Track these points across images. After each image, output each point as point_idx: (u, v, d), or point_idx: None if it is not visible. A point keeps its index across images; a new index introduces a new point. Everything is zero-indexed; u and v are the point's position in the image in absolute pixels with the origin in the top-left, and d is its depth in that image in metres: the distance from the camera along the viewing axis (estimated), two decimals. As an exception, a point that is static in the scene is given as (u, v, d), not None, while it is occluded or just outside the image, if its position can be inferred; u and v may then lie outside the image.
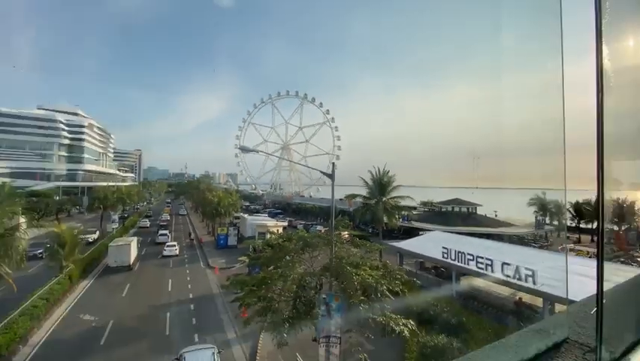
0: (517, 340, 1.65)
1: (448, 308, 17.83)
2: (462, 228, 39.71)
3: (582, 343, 1.57)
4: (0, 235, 13.28)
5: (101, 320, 19.17)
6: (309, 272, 12.64)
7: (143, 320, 19.51)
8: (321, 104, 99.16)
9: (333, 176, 13.02)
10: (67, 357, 15.06)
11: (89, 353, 15.47)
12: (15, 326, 15.86)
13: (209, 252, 38.24)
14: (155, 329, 18.16)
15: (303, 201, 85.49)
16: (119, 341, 16.73)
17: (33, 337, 16.81)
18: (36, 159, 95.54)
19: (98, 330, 17.91)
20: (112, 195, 54.16)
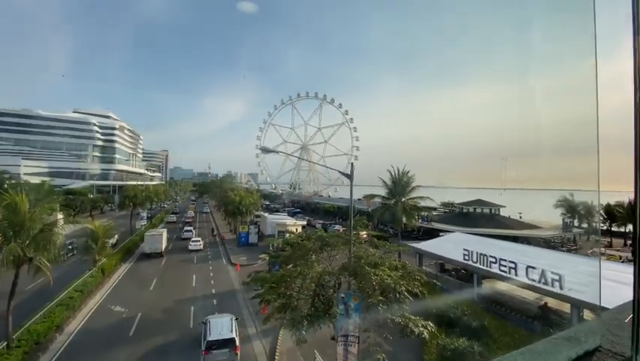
0: (546, 346, 1.61)
1: (469, 311, 17.41)
2: (484, 229, 38.52)
3: (616, 352, 1.50)
4: (40, 229, 14.20)
5: (131, 311, 20.15)
6: (328, 271, 12.71)
7: (169, 313, 20.31)
8: (341, 105, 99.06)
9: (352, 176, 13.00)
10: (99, 346, 15.92)
11: (119, 343, 16.29)
12: (52, 315, 16.97)
13: (231, 249, 39.15)
14: (180, 322, 18.86)
15: (321, 200, 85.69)
16: (146, 333, 17.53)
17: (69, 326, 17.89)
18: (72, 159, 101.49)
19: (128, 321, 18.84)
20: (141, 194, 56.64)
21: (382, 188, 33.19)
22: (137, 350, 15.76)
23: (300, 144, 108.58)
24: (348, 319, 11.27)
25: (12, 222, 13.73)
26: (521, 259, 19.37)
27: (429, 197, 33.24)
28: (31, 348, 14.27)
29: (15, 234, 13.74)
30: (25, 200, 14.05)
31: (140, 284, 25.78)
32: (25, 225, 13.68)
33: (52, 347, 15.70)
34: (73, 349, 15.73)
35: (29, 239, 13.81)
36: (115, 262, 29.20)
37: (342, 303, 11.33)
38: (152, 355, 15.32)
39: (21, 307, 17.75)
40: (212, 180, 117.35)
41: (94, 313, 19.94)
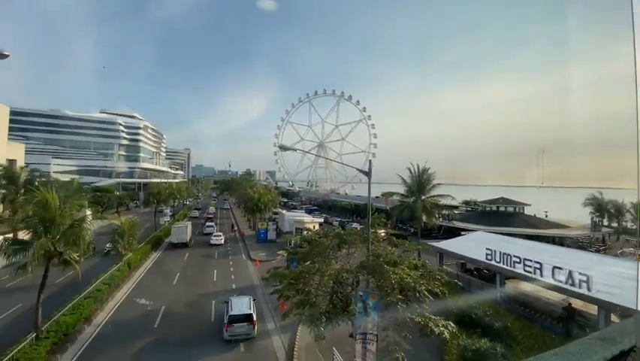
0: (580, 347, 1.58)
1: (492, 312, 16.92)
2: (508, 228, 37.28)
3: None
4: (70, 225, 14.90)
5: (155, 304, 20.89)
6: (346, 269, 12.68)
7: (191, 306, 20.92)
8: (358, 102, 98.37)
9: (370, 173, 12.88)
10: (125, 337, 16.60)
11: (144, 334, 16.94)
12: (81, 307, 17.76)
13: (251, 245, 39.84)
14: (201, 316, 19.39)
15: (338, 198, 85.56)
16: (170, 325, 18.14)
17: (96, 318, 18.76)
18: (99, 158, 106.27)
19: (152, 313, 19.55)
20: (164, 191, 58.56)
21: (401, 186, 32.71)
22: (162, 341, 16.36)
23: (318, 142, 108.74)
24: (366, 317, 11.22)
25: (43, 218, 14.43)
26: (547, 260, 18.63)
27: (450, 195, 32.48)
28: (59, 339, 14.90)
29: (45, 229, 14.42)
30: (55, 197, 14.75)
31: (164, 278, 26.68)
32: (56, 220, 14.38)
33: (80, 337, 16.45)
34: (101, 340, 16.47)
35: (59, 234, 14.51)
36: (140, 256, 30.36)
37: (360, 301, 11.28)
38: (175, 345, 15.85)
39: (51, 300, 18.80)
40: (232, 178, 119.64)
41: (120, 306, 20.83)
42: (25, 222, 15.12)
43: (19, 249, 14.06)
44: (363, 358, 11.32)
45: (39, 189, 15.35)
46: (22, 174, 36.90)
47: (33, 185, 31.44)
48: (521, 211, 44.83)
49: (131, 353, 15.16)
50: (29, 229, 14.78)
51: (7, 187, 34.04)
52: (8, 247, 14.14)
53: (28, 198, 15.25)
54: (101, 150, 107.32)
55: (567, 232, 40.68)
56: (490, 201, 47.78)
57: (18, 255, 14.00)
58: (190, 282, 25.87)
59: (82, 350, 15.43)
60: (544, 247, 23.03)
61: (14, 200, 32.33)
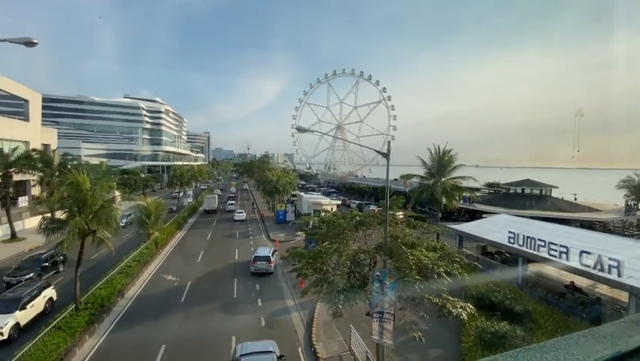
0: (613, 330, 1.49)
1: (512, 295, 16.68)
2: (533, 211, 36.05)
3: None
4: (101, 205, 15.76)
5: (181, 280, 22.05)
6: (363, 249, 12.78)
7: (215, 283, 21.94)
8: (378, 82, 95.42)
9: (389, 155, 12.68)
10: (155, 310, 17.72)
11: (172, 308, 18.02)
12: (114, 282, 19.05)
13: (270, 226, 40.79)
14: (225, 292, 20.33)
15: (356, 180, 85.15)
16: (195, 300, 19.17)
17: (128, 291, 20.05)
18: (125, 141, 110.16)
19: (179, 289, 20.68)
20: (187, 174, 60.42)
21: (420, 168, 32.03)
22: (189, 314, 17.39)
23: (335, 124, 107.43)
24: (383, 296, 11.37)
25: (76, 198, 15.32)
26: (574, 243, 17.95)
27: (472, 177, 31.55)
28: (96, 310, 16.13)
29: (79, 209, 15.37)
30: (86, 179, 15.56)
31: (189, 256, 27.97)
32: (88, 201, 15.24)
33: (114, 309, 17.73)
34: (133, 312, 17.69)
35: (92, 214, 15.41)
36: (166, 235, 31.82)
37: (377, 281, 11.41)
38: (201, 318, 16.79)
39: (87, 275, 20.19)
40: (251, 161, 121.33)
41: (149, 281, 22.11)
42: (61, 202, 16.09)
43: (57, 227, 15.06)
44: (380, 336, 11.57)
45: (71, 172, 16.18)
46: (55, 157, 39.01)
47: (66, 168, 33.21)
48: (548, 194, 43.06)
49: (160, 324, 16.20)
50: (65, 209, 15.77)
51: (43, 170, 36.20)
52: (47, 225, 15.18)
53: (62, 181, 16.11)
54: (126, 134, 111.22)
55: (598, 216, 38.86)
56: (515, 183, 46.09)
57: (56, 233, 15.02)
58: (213, 260, 26.98)
59: (116, 320, 16.65)
60: (572, 231, 22.14)
61: (50, 182, 34.40)
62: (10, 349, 12.73)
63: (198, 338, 15.03)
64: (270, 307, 18.15)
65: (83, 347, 14.11)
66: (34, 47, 9.36)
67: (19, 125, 45.98)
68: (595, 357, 1.28)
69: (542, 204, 40.30)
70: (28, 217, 36.96)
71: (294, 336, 15.48)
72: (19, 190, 44.64)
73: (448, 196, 29.44)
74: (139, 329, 15.76)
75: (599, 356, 1.28)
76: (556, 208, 39.35)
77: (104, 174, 37.41)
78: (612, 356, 1.30)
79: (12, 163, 32.19)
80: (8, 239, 31.35)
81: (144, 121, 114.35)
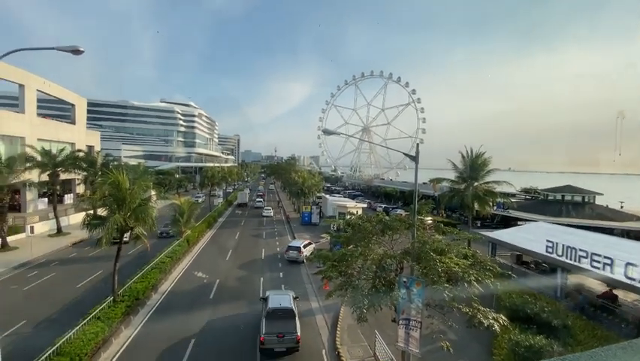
0: None
1: (549, 308, 15.64)
2: (573, 220, 33.68)
3: None
4: (139, 203, 16.71)
5: (210, 277, 22.80)
6: (390, 254, 12.55)
7: (242, 281, 22.51)
8: (407, 84, 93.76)
9: (417, 157, 12.39)
10: (186, 305, 18.45)
11: (202, 304, 18.67)
12: (149, 276, 20.02)
13: (295, 227, 41.20)
14: (251, 290, 20.79)
15: (382, 184, 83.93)
16: (223, 297, 19.74)
17: (162, 286, 21.02)
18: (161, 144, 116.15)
19: (208, 285, 21.40)
20: (217, 175, 62.68)
21: (451, 171, 30.99)
22: (217, 309, 17.94)
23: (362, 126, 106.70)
24: (410, 303, 11.09)
25: (116, 197, 16.35)
26: (620, 255, 16.58)
27: (507, 181, 30.05)
28: (132, 303, 17.03)
29: (118, 207, 16.39)
30: (125, 179, 16.56)
31: (218, 255, 28.90)
32: (126, 199, 16.20)
33: (148, 303, 18.64)
34: (166, 306, 18.52)
35: (130, 212, 16.36)
36: (197, 233, 33.08)
37: (404, 287, 11.16)
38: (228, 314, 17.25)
39: (124, 269, 21.36)
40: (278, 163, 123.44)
41: (181, 278, 23.06)
42: (103, 200, 17.23)
43: (99, 223, 16.12)
44: (406, 343, 11.29)
45: (112, 172, 17.27)
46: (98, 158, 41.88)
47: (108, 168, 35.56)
48: (591, 201, 40.07)
49: (190, 319, 16.82)
50: (106, 207, 16.87)
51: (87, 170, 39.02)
52: (90, 221, 16.30)
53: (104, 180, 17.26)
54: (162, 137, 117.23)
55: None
56: (555, 189, 43.31)
57: (98, 228, 16.09)
58: (241, 258, 27.68)
59: (150, 313, 17.50)
60: (617, 241, 20.44)
61: (93, 181, 36.97)
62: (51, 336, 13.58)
63: (225, 334, 15.43)
64: (295, 308, 18.28)
65: (119, 337, 14.95)
66: (80, 54, 9.88)
67: (66, 127, 49.90)
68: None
69: (584, 212, 37.56)
70: (72, 213, 39.93)
71: (318, 338, 15.48)
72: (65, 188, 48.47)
73: (481, 202, 28.24)
74: (170, 323, 16.45)
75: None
76: (599, 217, 36.51)
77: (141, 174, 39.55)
78: None
79: (59, 163, 34.94)
80: (54, 233, 34.00)
81: (179, 124, 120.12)
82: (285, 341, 13.76)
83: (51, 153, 34.94)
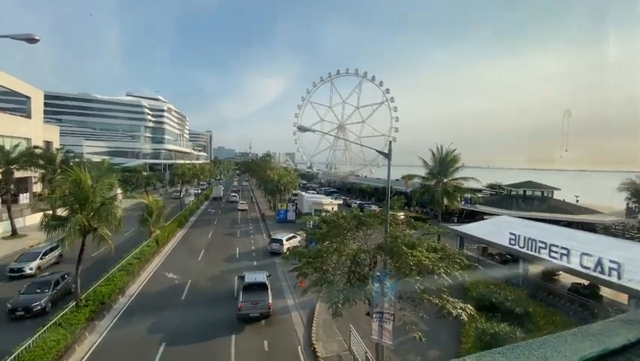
0: (602, 328, 1.52)
1: (512, 297, 16.65)
2: (534, 213, 35.95)
3: None
4: (102, 202, 15.81)
5: (182, 278, 22.10)
6: (364, 249, 12.78)
7: (215, 281, 22.00)
8: (381, 83, 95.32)
9: (390, 155, 12.68)
10: (155, 308, 17.76)
11: (172, 306, 18.05)
12: (115, 279, 19.08)
13: (271, 225, 40.80)
14: (224, 290, 20.36)
15: (357, 180, 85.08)
16: (196, 298, 19.22)
17: (129, 289, 20.10)
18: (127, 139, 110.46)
19: (180, 286, 20.74)
20: (188, 172, 60.55)
21: (422, 168, 31.97)
22: (189, 311, 17.44)
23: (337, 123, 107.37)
24: (383, 297, 11.36)
25: (77, 196, 15.37)
26: (575, 246, 17.92)
27: (474, 178, 31.46)
28: (97, 307, 16.17)
29: (80, 207, 15.42)
30: (87, 176, 15.62)
31: (190, 255, 28.03)
32: (89, 198, 15.29)
33: (115, 306, 17.76)
34: (134, 309, 17.72)
35: (93, 211, 15.46)
36: (168, 233, 31.89)
37: (377, 281, 11.40)
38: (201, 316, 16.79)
39: (88, 272, 20.22)
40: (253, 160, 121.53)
41: (150, 279, 22.15)
42: (63, 200, 16.13)
43: (58, 224, 15.09)
44: (380, 336, 11.56)
45: (73, 169, 16.22)
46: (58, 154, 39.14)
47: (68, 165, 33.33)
48: (550, 196, 42.96)
49: (160, 322, 16.22)
50: (66, 206, 15.81)
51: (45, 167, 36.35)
52: (48, 222, 15.23)
53: (64, 178, 16.16)
54: (129, 132, 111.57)
55: (599, 218, 38.72)
56: (517, 184, 46.00)
57: (57, 230, 15.06)
58: (214, 258, 27.03)
59: (117, 317, 16.69)
60: (573, 233, 22.09)
61: (52, 179, 34.52)
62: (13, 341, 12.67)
63: (198, 336, 15.05)
64: (270, 306, 18.16)
65: (83, 343, 14.16)
66: (35, 43, 9.23)
67: (21, 122, 46.13)
68: (582, 354, 1.29)
69: (544, 206, 40.20)
70: (29, 214, 37.08)
71: (294, 335, 15.50)
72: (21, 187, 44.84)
73: (450, 197, 29.38)
74: (139, 327, 15.78)
75: (586, 353, 1.30)
76: (557, 210, 39.24)
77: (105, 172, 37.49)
78: (598, 354, 1.31)
79: (13, 160, 32.28)
80: (9, 236, 31.49)
81: (147, 119, 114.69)
82: (258, 308, 16.43)
83: (4, 149, 32.23)
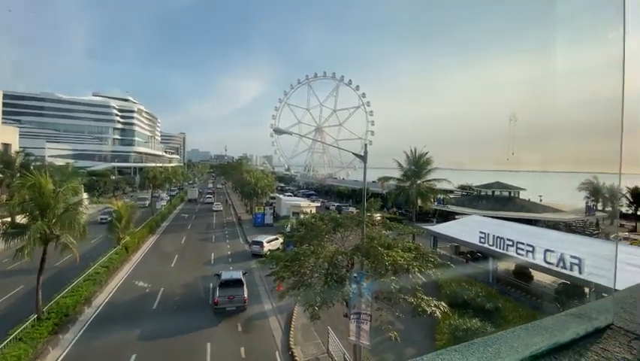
0: (554, 322, 1.58)
1: (483, 293, 17.38)
2: (502, 212, 37.77)
3: (628, 330, 1.46)
4: (65, 209, 14.92)
5: (153, 286, 21.20)
6: (341, 251, 12.88)
7: (189, 288, 21.27)
8: (358, 87, 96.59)
9: (365, 157, 12.88)
10: (124, 318, 16.92)
11: (143, 316, 17.25)
12: (80, 289, 18.02)
13: (248, 229, 40.14)
14: (199, 297, 19.75)
15: (335, 183, 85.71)
16: (168, 306, 18.51)
17: (96, 299, 19.05)
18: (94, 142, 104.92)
19: (151, 295, 19.88)
20: (160, 176, 58.28)
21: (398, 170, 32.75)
22: (161, 320, 16.73)
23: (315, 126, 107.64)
24: (360, 297, 11.49)
25: (38, 202, 14.43)
26: (539, 243, 18.99)
27: (446, 179, 32.60)
28: (60, 320, 15.21)
29: (41, 213, 14.48)
30: (49, 181, 14.69)
31: (162, 261, 26.96)
32: (51, 205, 14.38)
33: (80, 318, 16.76)
34: (101, 321, 16.80)
35: (55, 218, 14.54)
36: (138, 239, 30.57)
37: (354, 282, 11.52)
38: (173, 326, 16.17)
39: (51, 283, 18.99)
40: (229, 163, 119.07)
41: (119, 288, 21.10)
42: (22, 206, 15.07)
43: (17, 232, 14.10)
44: (357, 337, 11.67)
45: (34, 174, 15.22)
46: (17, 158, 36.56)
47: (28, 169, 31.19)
48: (516, 196, 45.28)
49: (130, 333, 15.49)
50: (26, 213, 14.78)
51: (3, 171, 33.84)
52: (6, 230, 14.17)
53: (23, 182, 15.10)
54: (96, 134, 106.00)
55: (561, 216, 41.27)
56: (486, 185, 48.15)
57: (16, 238, 14.05)
58: (188, 265, 26.17)
59: (82, 330, 15.75)
60: (537, 231, 23.43)
61: (10, 184, 32.17)
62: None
63: (171, 346, 14.50)
64: (247, 312, 17.82)
65: (46, 358, 13.26)
66: None
67: (-26, 123, 42.75)
68: (533, 348, 1.36)
69: (511, 206, 42.31)
70: (-17, 222, 34.29)
71: (272, 340, 15.30)
72: (-26, 193, 41.45)
73: (423, 198, 30.25)
74: (107, 339, 14.97)
75: (537, 347, 1.37)
76: (523, 209, 41.42)
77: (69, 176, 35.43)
78: (549, 348, 1.38)
79: (-34, 164, 29.84)
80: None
81: (115, 120, 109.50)
82: (234, 302, 17.28)
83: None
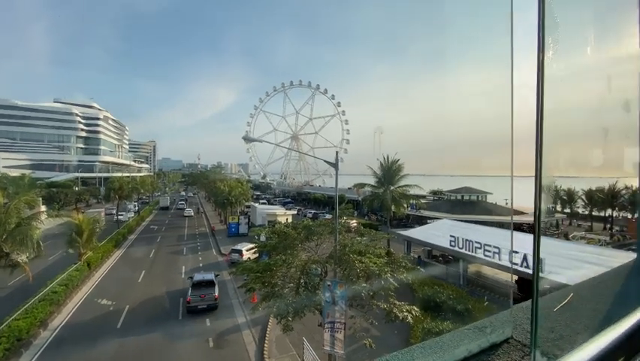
0: (452, 338, 1.51)
1: (454, 295, 17.89)
2: (471, 216, 39.33)
3: (525, 344, 1.41)
4: (17, 224, 13.85)
5: (118, 304, 19.96)
6: (314, 259, 12.82)
7: (157, 304, 20.22)
8: (333, 96, 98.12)
9: (337, 165, 13.01)
10: (85, 340, 15.74)
11: (106, 336, 16.13)
12: (35, 311, 16.61)
13: (221, 240, 39.04)
14: (168, 314, 18.85)
15: (312, 190, 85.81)
16: (134, 324, 17.43)
17: (53, 321, 17.66)
18: (55, 151, 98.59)
19: (115, 314, 18.67)
20: (127, 186, 55.39)
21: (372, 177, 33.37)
22: (126, 339, 15.72)
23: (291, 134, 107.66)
24: (334, 306, 11.45)
25: (-13, 216, 13.32)
26: (505, 244, 19.89)
27: (417, 185, 33.60)
28: (12, 344, 13.96)
29: (-10, 229, 13.35)
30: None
31: (128, 277, 25.50)
32: (1, 219, 13.30)
33: (35, 342, 15.46)
34: (59, 343, 15.56)
35: (6, 234, 13.45)
36: (102, 254, 28.85)
37: (328, 291, 11.47)
38: (139, 345, 15.31)
39: (1, 304, 17.46)
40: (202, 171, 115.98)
41: (80, 308, 19.70)
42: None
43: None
44: (332, 346, 11.58)
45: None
46: (-38, 169, 33.57)
47: (-24, 181, 28.74)
48: (484, 199, 47.33)
49: (91, 355, 14.49)
50: (-30, 230, 13.56)
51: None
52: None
53: (-33, 196, 13.89)
54: (57, 143, 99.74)
55: (525, 218, 43.53)
56: (455, 190, 50.01)
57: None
58: (156, 280, 24.95)
59: (37, 354, 14.54)
60: (503, 233, 24.51)
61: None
62: None
63: (137, 366, 13.69)
64: (220, 327, 17.22)
65: (-9, 391, 12.08)
66: None
67: None
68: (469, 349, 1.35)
69: (479, 209, 44.15)
70: None
71: (245, 355, 14.81)
72: None
73: (397, 204, 30.94)
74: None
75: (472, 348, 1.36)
76: (491, 212, 43.35)
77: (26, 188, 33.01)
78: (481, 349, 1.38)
79: None
80: None
81: (78, 128, 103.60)
82: (206, 300, 18.17)
83: None
